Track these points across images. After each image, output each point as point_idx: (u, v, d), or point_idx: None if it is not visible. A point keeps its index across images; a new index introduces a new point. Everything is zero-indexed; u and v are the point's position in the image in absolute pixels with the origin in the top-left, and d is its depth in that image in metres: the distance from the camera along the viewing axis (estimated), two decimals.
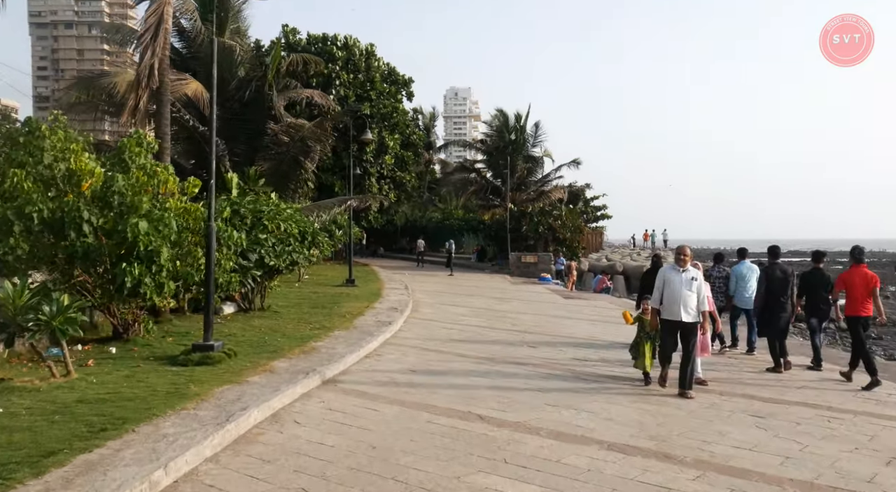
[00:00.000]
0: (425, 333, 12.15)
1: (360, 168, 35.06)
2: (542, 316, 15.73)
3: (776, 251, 9.84)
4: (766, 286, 9.41)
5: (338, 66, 33.74)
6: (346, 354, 9.00)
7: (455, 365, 9.14)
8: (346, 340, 10.17)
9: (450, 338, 11.69)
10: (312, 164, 21.51)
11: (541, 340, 11.83)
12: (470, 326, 13.29)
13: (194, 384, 6.84)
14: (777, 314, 9.33)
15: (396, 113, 36.47)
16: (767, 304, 9.38)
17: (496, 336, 12.11)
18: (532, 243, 33.53)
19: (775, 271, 9.47)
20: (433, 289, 22.33)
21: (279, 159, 15.20)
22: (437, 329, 12.82)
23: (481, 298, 19.97)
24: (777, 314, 9.33)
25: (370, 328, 11.60)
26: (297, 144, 14.78)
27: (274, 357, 8.54)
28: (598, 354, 10.39)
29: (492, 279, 28.41)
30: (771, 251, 9.86)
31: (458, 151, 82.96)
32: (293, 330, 11.05)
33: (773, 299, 9.34)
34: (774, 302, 9.34)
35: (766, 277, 9.49)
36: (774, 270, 9.50)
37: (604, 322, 14.93)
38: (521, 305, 18.04)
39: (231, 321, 11.91)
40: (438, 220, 47.22)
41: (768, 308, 9.39)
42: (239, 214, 12.35)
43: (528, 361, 9.58)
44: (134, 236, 7.76)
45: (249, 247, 12.10)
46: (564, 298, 20.81)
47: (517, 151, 37.67)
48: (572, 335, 12.54)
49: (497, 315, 15.47)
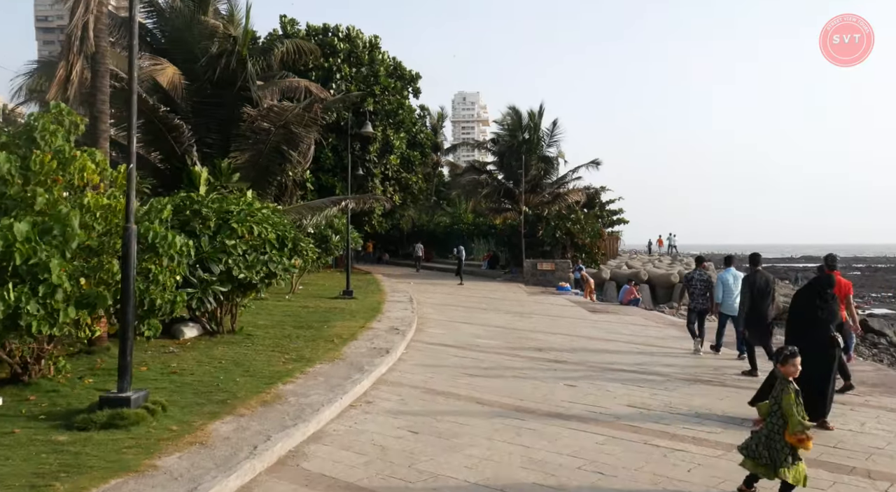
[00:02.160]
0: (432, 365, 9.65)
1: (364, 169, 32.69)
2: (572, 337, 13.18)
3: (757, 259, 9.80)
4: (749, 294, 9.33)
5: (339, 58, 31.40)
6: (324, 406, 6.51)
7: (473, 421, 6.63)
8: (326, 381, 7.68)
9: (464, 371, 9.19)
10: (303, 158, 19.10)
11: (579, 372, 9.30)
12: (487, 353, 10.78)
13: (67, 476, 4.37)
14: (761, 321, 9.31)
15: (402, 110, 34.07)
16: (751, 310, 9.32)
17: (522, 367, 9.60)
18: (548, 249, 30.96)
19: (757, 279, 9.43)
20: (441, 301, 19.82)
21: (258, 150, 12.75)
22: (447, 358, 10.31)
23: (497, 312, 17.45)
24: (761, 321, 9.31)
25: (362, 359, 9.11)
26: (280, 132, 12.37)
27: (218, 413, 6.06)
28: (657, 398, 7.85)
29: (506, 289, 25.87)
30: (752, 259, 9.84)
31: (467, 153, 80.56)
32: (262, 364, 8.58)
33: (755, 306, 9.30)
34: (757, 309, 9.32)
35: (748, 285, 9.43)
36: (756, 277, 9.46)
37: (646, 345, 12.37)
38: (544, 323, 15.51)
39: (187, 350, 9.46)
40: (447, 224, 44.74)
41: (752, 315, 9.33)
42: (200, 214, 9.91)
43: (572, 411, 7.06)
44: (7, 245, 5.31)
45: (213, 256, 9.67)
46: (591, 313, 18.24)
47: (531, 150, 35.11)
48: (615, 365, 10.01)
49: (519, 336, 12.94)
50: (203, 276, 9.62)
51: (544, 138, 35.43)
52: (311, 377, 7.84)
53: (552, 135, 35.19)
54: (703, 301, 11.57)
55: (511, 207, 36.30)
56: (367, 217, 34.29)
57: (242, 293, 10.81)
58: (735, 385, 8.74)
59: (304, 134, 13.17)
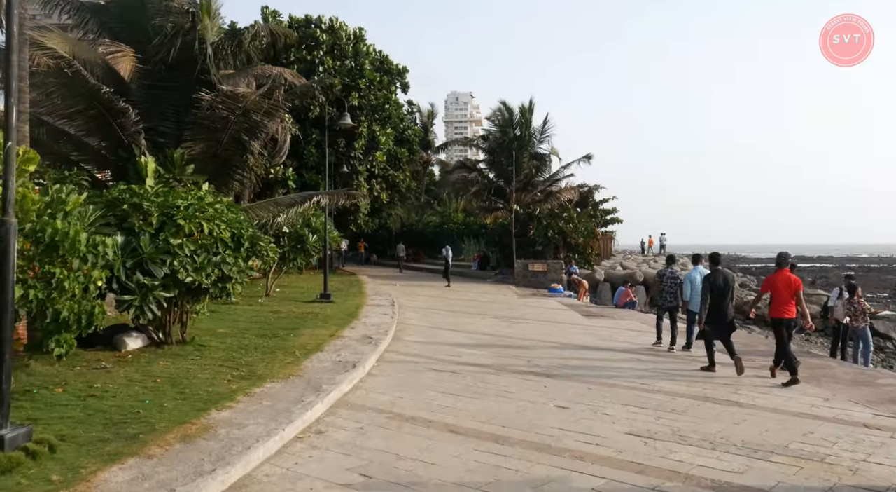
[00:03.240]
0: (404, 381, 8.45)
1: (349, 166, 31.45)
2: (564, 346, 12.01)
3: (717, 258, 10.15)
4: (710, 292, 9.65)
5: (322, 51, 30.12)
6: (259, 440, 5.31)
7: (443, 458, 5.43)
8: (273, 405, 6.47)
9: (440, 389, 8.00)
10: (279, 152, 17.91)
11: (571, 390, 8.13)
12: (469, 366, 9.59)
13: None
14: (721, 317, 9.62)
15: (389, 105, 32.81)
16: (711, 308, 9.62)
17: (507, 383, 8.41)
18: (540, 249, 29.79)
19: (717, 278, 9.73)
20: (426, 305, 18.63)
21: (216, 140, 11.47)
22: (423, 372, 9.11)
23: (484, 317, 16.28)
24: (721, 317, 9.62)
25: (322, 376, 7.90)
26: (240, 120, 11.09)
27: (121, 454, 4.85)
28: (663, 423, 6.68)
29: (496, 291, 24.70)
30: (712, 258, 10.18)
31: (459, 152, 79.33)
32: (203, 382, 7.36)
33: (715, 304, 9.61)
34: (717, 306, 9.61)
35: (708, 283, 9.73)
36: (717, 276, 9.76)
37: (646, 355, 11.22)
38: (535, 329, 14.33)
39: (123, 364, 8.24)
40: (437, 224, 43.55)
41: (712, 312, 9.64)
42: (140, 209, 8.68)
43: (562, 443, 5.89)
44: None
45: (154, 257, 8.44)
46: (585, 317, 17.09)
47: (523, 147, 33.92)
48: (613, 380, 8.84)
49: (506, 345, 11.77)
50: (143, 280, 8.39)
51: (535, 135, 34.26)
52: (256, 400, 6.64)
53: (543, 131, 34.04)
54: (671, 299, 11.85)
55: (502, 205, 35.13)
56: (353, 216, 33.05)
57: (194, 299, 9.59)
58: (751, 405, 7.60)
59: (266, 122, 11.90)
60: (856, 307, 12.13)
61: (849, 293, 12.33)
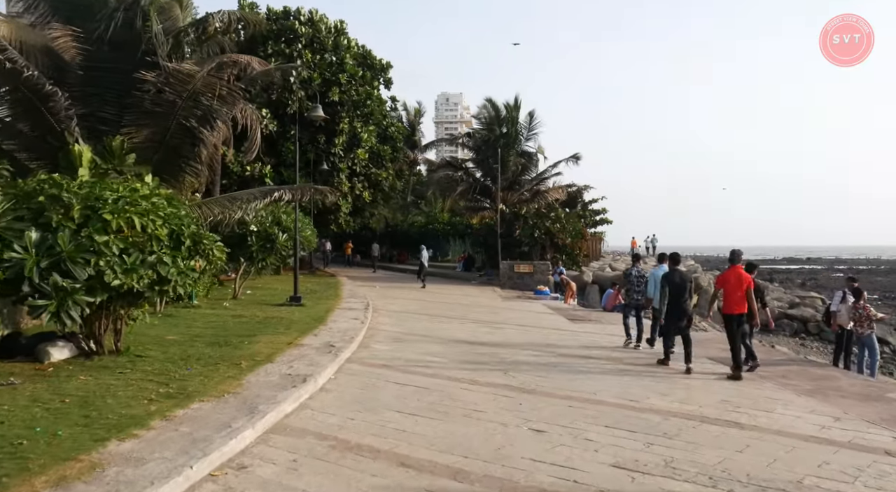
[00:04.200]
0: (359, 398, 7.42)
1: (328, 163, 30.33)
2: (547, 353, 11.03)
3: (677, 258, 10.36)
4: (668, 290, 9.87)
5: (301, 44, 29.03)
6: (154, 484, 4.26)
7: None
8: (191, 432, 5.42)
9: (399, 408, 6.98)
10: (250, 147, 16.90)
11: (550, 408, 7.14)
12: (438, 379, 8.57)
13: None
14: (678, 315, 9.85)
15: (371, 101, 31.71)
16: (669, 304, 9.87)
17: (477, 400, 7.40)
18: (526, 250, 28.83)
19: (675, 277, 9.98)
20: (403, 308, 17.60)
21: (163, 127, 10.34)
22: (384, 386, 8.09)
23: (463, 322, 15.28)
24: (678, 315, 9.85)
25: (263, 393, 6.86)
26: (189, 105, 9.98)
27: None
28: (654, 451, 5.70)
29: (479, 293, 23.72)
30: (672, 258, 10.40)
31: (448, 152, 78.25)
32: (121, 402, 6.30)
33: (673, 301, 9.83)
34: (675, 304, 9.84)
35: (666, 282, 9.96)
36: (675, 275, 10.01)
37: (635, 365, 10.26)
38: (517, 335, 13.35)
39: (37, 379, 7.16)
40: (422, 224, 42.52)
41: (670, 309, 9.89)
42: (60, 201, 7.61)
43: (534, 479, 4.89)
44: None
45: (75, 256, 7.37)
46: (571, 322, 16.12)
47: (509, 145, 32.97)
48: (598, 395, 7.86)
49: (483, 354, 10.76)
50: (61, 282, 7.31)
51: (522, 132, 33.33)
52: (173, 426, 5.59)
53: (530, 128, 33.13)
54: (638, 297, 12.16)
55: (488, 205, 34.18)
56: (334, 215, 31.95)
57: (129, 304, 8.52)
58: (753, 426, 6.64)
59: (221, 109, 10.78)
60: (861, 312, 11.23)
61: (854, 297, 11.42)
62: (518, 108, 33.66)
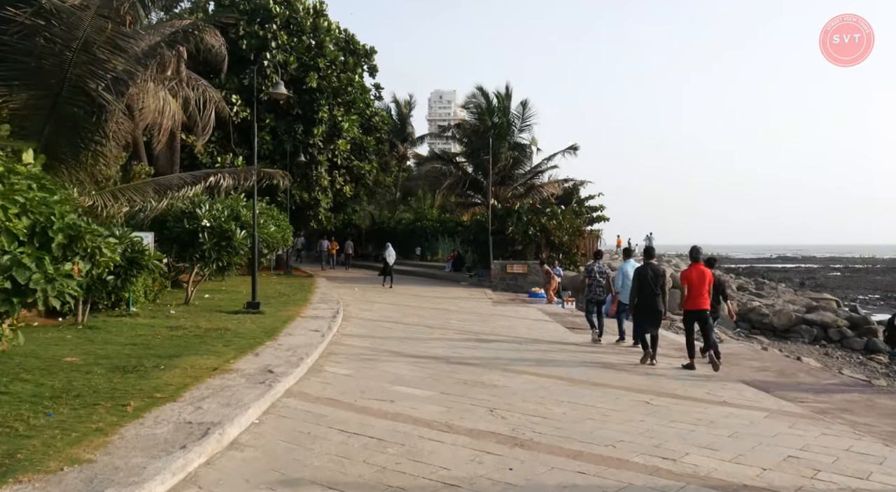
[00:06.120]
0: (281, 466, 5.16)
1: (307, 155, 28.08)
2: (546, 380, 8.82)
3: (651, 252, 10.72)
4: (639, 284, 9.99)
5: (275, 25, 26.74)
6: None
7: None
8: None
9: (336, 477, 4.74)
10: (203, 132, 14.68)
11: (566, 481, 4.93)
12: (401, 424, 6.33)
13: None
14: (649, 310, 9.98)
15: (352, 88, 29.43)
16: (640, 299, 10.00)
17: (450, 467, 5.18)
18: (520, 249, 26.67)
19: (647, 271, 10.04)
20: (379, 316, 15.38)
21: (48, 88, 8.02)
22: (323, 440, 5.83)
23: (445, 332, 13.07)
24: (649, 310, 9.98)
25: (132, 461, 4.61)
26: (83, 59, 7.70)
27: None
28: None
29: (468, 296, 21.51)
30: (646, 252, 10.71)
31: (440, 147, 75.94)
32: None
33: (644, 296, 9.96)
34: (646, 299, 9.95)
35: (637, 277, 10.07)
36: (647, 270, 10.07)
37: (660, 394, 8.06)
38: (508, 353, 11.13)
39: None
40: (409, 221, 40.24)
41: (641, 304, 10.03)
42: None
43: None
44: None
45: None
46: (570, 331, 13.93)
47: (502, 137, 30.75)
48: (611, 449, 5.66)
49: (464, 380, 8.52)
50: None
51: (515, 123, 31.11)
52: None
53: (523, 118, 30.90)
54: (601, 292, 12.27)
55: (480, 200, 31.97)
56: (313, 211, 29.67)
57: None
58: None
59: (123, 65, 8.44)
60: None
61: None
62: (509, 98, 31.47)
